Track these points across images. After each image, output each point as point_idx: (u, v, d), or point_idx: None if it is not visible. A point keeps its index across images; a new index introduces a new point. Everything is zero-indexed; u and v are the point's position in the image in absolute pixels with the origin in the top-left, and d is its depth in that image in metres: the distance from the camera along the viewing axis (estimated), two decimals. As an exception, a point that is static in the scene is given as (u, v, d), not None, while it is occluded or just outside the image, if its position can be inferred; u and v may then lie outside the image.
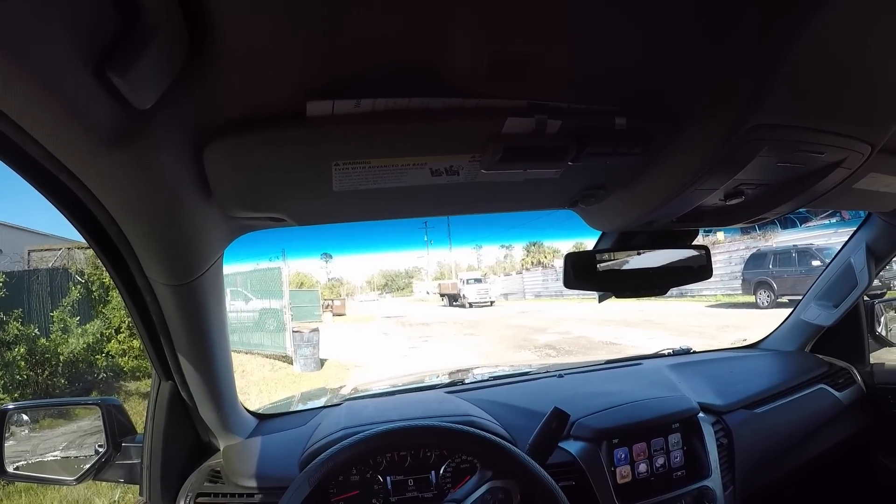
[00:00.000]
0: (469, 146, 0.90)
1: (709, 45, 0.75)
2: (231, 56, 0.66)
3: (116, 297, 9.67)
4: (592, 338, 12.20)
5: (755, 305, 14.60)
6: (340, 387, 2.71)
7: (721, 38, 0.73)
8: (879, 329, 2.43)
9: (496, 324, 16.95)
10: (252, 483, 1.47)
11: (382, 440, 1.28)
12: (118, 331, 9.76)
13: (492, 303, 27.13)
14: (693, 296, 18.10)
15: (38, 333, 8.69)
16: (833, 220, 16.14)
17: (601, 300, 1.51)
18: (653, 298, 1.41)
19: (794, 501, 2.21)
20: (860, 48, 0.74)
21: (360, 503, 1.49)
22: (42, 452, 1.59)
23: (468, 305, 26.68)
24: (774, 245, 16.33)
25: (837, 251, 2.29)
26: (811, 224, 17.45)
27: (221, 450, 1.62)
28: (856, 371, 2.34)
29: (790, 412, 2.03)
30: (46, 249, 12.13)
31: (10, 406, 1.56)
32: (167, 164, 0.80)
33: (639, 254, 1.35)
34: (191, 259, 1.09)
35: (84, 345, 9.01)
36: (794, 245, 14.67)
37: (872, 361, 2.36)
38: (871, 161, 1.00)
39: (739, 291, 16.06)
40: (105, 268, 1.09)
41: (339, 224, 1.26)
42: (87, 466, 1.51)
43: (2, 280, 8.98)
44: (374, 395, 2.13)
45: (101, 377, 9.39)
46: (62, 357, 8.74)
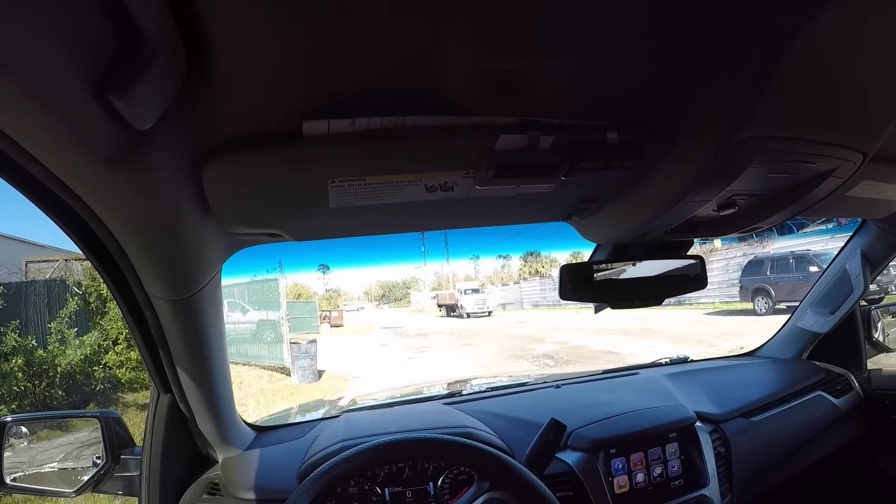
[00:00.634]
0: (463, 163, 0.91)
1: (698, 60, 0.76)
2: (228, 77, 0.67)
3: (114, 309, 9.64)
4: (590, 347, 12.18)
5: (753, 312, 14.58)
6: (338, 398, 2.70)
7: (710, 52, 0.74)
8: (876, 335, 2.44)
9: (494, 334, 16.90)
10: (250, 495, 1.46)
11: (380, 452, 1.28)
12: (116, 342, 9.71)
13: (489, 313, 27.05)
14: (691, 304, 18.09)
15: (36, 345, 8.65)
16: (830, 226, 16.18)
17: (597, 311, 1.51)
18: (650, 307, 1.41)
19: None
20: (849, 58, 0.75)
21: None
22: (40, 464, 1.59)
23: (466, 316, 26.62)
24: (771, 252, 16.33)
25: (833, 258, 2.30)
26: (808, 230, 17.47)
27: (220, 462, 1.61)
28: (853, 377, 2.34)
29: (788, 420, 2.03)
30: (44, 261, 12.11)
31: (10, 418, 1.56)
32: (166, 183, 0.81)
33: (634, 265, 1.36)
34: (189, 274, 1.10)
35: (82, 356, 8.97)
36: (792, 251, 14.67)
37: (870, 367, 2.36)
38: (864, 169, 1.01)
39: (737, 298, 16.05)
40: (104, 282, 1.10)
41: (337, 238, 1.27)
42: (86, 478, 1.50)
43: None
44: (372, 407, 2.13)
45: (99, 388, 9.35)
46: (60, 368, 8.70)
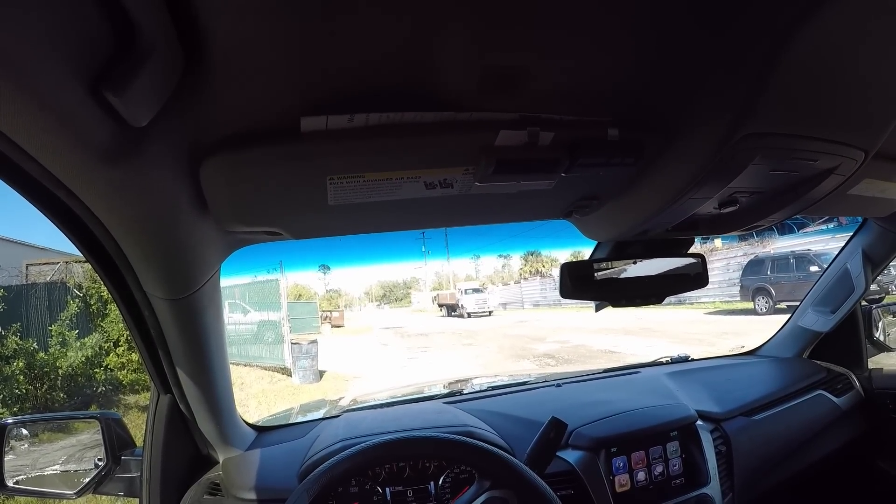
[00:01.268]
0: (462, 159, 0.91)
1: (699, 56, 0.75)
2: (225, 74, 0.67)
3: (115, 311, 9.65)
4: (591, 346, 12.17)
5: (754, 312, 14.57)
6: (339, 398, 2.70)
7: (711, 48, 0.74)
8: (877, 334, 2.43)
9: (495, 333, 16.87)
10: (251, 495, 1.46)
11: (380, 451, 1.28)
12: (117, 344, 9.73)
13: (490, 313, 27.01)
14: (692, 303, 18.08)
15: (37, 347, 8.67)
16: (830, 226, 16.17)
17: (598, 309, 1.51)
18: (651, 306, 1.40)
19: None
20: (851, 55, 0.74)
21: None
22: (42, 466, 1.59)
23: (467, 315, 26.57)
24: (772, 251, 16.31)
25: (834, 257, 2.30)
26: (809, 230, 17.46)
27: (221, 462, 1.61)
28: (854, 376, 2.34)
29: (789, 419, 2.03)
30: (44, 263, 12.10)
31: (10, 420, 1.56)
32: (163, 180, 0.81)
33: (635, 263, 1.35)
34: (188, 273, 1.10)
35: (83, 358, 8.99)
36: (792, 251, 14.65)
37: (870, 366, 2.36)
38: (865, 167, 1.01)
39: (738, 298, 16.03)
40: (103, 282, 1.09)
41: (337, 237, 1.27)
42: (87, 480, 1.50)
43: (0, 294, 8.96)
44: (373, 407, 2.13)
45: (100, 390, 9.36)
46: (61, 371, 8.72)
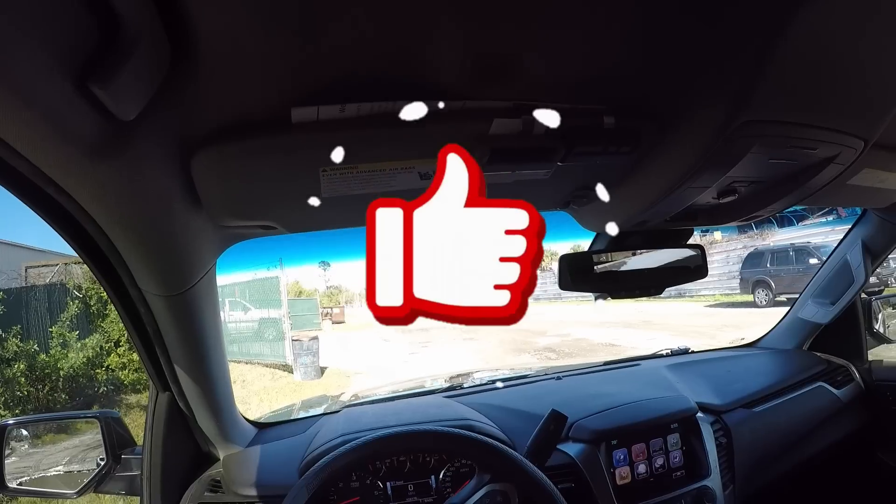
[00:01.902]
0: None
1: (695, 42, 0.75)
2: (213, 65, 0.66)
3: (115, 311, 9.59)
4: (592, 340, 12.16)
5: (753, 304, 14.55)
6: (341, 394, 2.70)
7: (708, 34, 0.73)
8: (877, 326, 2.43)
9: (495, 328, 16.77)
10: (252, 492, 1.46)
11: (380, 445, 1.28)
12: (118, 344, 9.71)
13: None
14: (692, 296, 18.06)
15: (38, 349, 8.65)
16: (830, 218, 16.14)
17: (597, 299, 1.51)
18: (651, 299, 1.41)
19: (795, 500, 2.20)
20: (850, 42, 0.74)
21: None
22: (45, 468, 1.60)
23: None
24: (772, 244, 16.30)
25: (834, 248, 2.29)
26: (808, 222, 17.43)
27: (221, 459, 1.61)
28: (854, 368, 2.33)
29: (789, 410, 2.03)
30: (43, 265, 12.07)
31: (10, 421, 1.56)
32: (154, 175, 0.80)
33: (634, 254, 1.35)
34: (183, 269, 1.09)
35: (84, 359, 8.99)
36: (792, 243, 14.63)
37: (870, 358, 2.36)
38: (865, 156, 1.00)
39: (737, 291, 16.01)
40: (97, 280, 1.09)
41: (335, 231, 1.26)
42: (88, 479, 1.50)
43: (0, 298, 8.96)
44: (374, 402, 2.13)
45: (102, 391, 9.35)
46: (62, 372, 8.71)
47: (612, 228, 1.32)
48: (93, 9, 0.51)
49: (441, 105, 0.81)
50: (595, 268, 1.33)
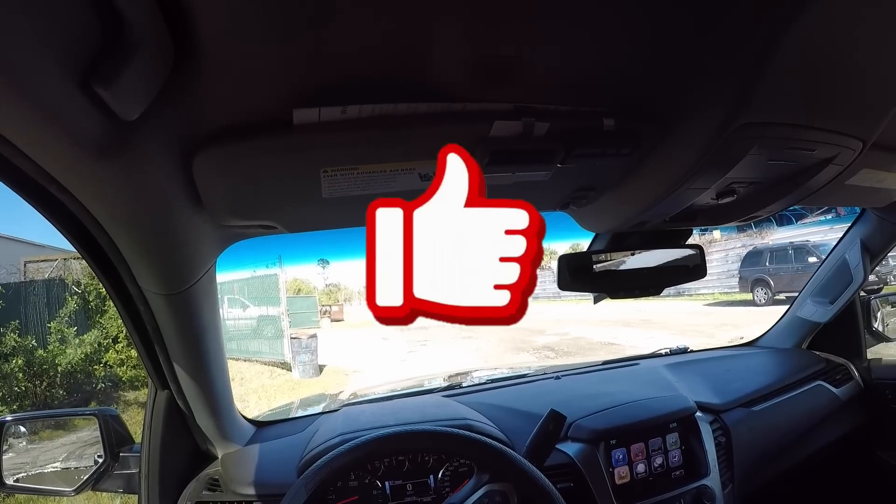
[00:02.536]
0: None
1: (695, 44, 0.75)
2: (216, 66, 0.66)
3: (113, 308, 9.61)
4: (591, 338, 12.17)
5: (752, 303, 14.57)
6: (339, 392, 2.70)
7: (707, 37, 0.73)
8: (876, 324, 2.43)
9: (494, 327, 16.74)
10: (250, 490, 1.46)
11: (379, 445, 1.28)
12: (116, 340, 9.70)
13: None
14: (690, 294, 18.08)
15: (36, 345, 8.63)
16: (829, 217, 16.15)
17: (596, 301, 1.51)
18: (650, 298, 1.42)
19: (794, 498, 2.21)
20: (848, 44, 0.74)
21: None
22: (42, 464, 1.59)
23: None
24: (771, 242, 16.31)
25: (832, 247, 2.30)
26: (807, 221, 17.44)
27: (219, 458, 1.61)
28: (853, 367, 2.34)
29: (788, 409, 2.03)
30: (42, 260, 12.07)
31: (8, 418, 1.56)
32: (156, 174, 0.80)
33: (633, 254, 1.35)
34: (183, 268, 1.09)
35: (82, 355, 8.96)
36: (791, 242, 14.64)
37: (869, 357, 2.36)
38: (863, 157, 1.01)
39: (737, 289, 16.02)
40: (97, 278, 1.09)
41: (335, 230, 1.26)
42: (86, 477, 1.50)
43: (-1, 292, 8.97)
44: (372, 401, 2.13)
45: (100, 387, 9.34)
46: (60, 368, 8.69)
47: (612, 229, 1.32)
48: (97, 9, 0.51)
49: (442, 107, 0.81)
50: (594, 267, 1.34)
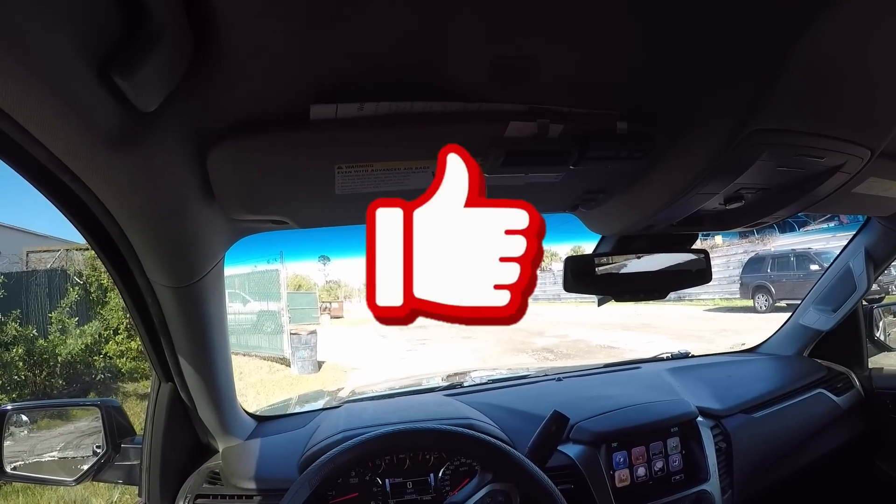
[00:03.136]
0: (472, 150, 0.90)
1: (709, 50, 0.75)
2: (235, 60, 0.66)
3: (115, 299, 9.65)
4: (590, 341, 12.16)
5: (753, 310, 14.56)
6: (338, 389, 2.69)
7: (720, 44, 0.74)
8: (878, 334, 2.44)
9: (493, 327, 16.70)
10: (251, 485, 1.47)
11: (385, 442, 1.28)
12: (116, 332, 9.72)
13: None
14: (691, 299, 18.06)
15: (37, 334, 8.64)
16: (831, 224, 16.13)
17: (600, 304, 1.51)
18: (651, 302, 1.41)
19: None
20: (859, 53, 0.74)
21: None
22: (40, 453, 1.59)
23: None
24: (773, 249, 16.30)
25: (836, 255, 2.29)
26: (809, 228, 17.42)
27: (220, 451, 1.61)
28: (854, 376, 2.33)
29: (788, 417, 2.03)
30: (45, 251, 12.08)
31: (10, 407, 1.56)
32: (170, 167, 0.80)
33: (638, 257, 1.35)
34: (192, 261, 1.09)
35: (82, 346, 8.97)
36: (793, 249, 14.63)
37: (871, 366, 2.36)
38: (871, 165, 1.01)
39: (737, 295, 16.01)
40: (106, 269, 1.09)
41: (337, 227, 1.26)
42: (87, 467, 1.50)
43: (0, 281, 8.95)
44: (373, 398, 2.13)
45: (99, 378, 9.36)
46: (60, 358, 8.70)
47: (619, 232, 1.32)
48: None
49: (458, 107, 0.81)
50: (598, 270, 1.34)
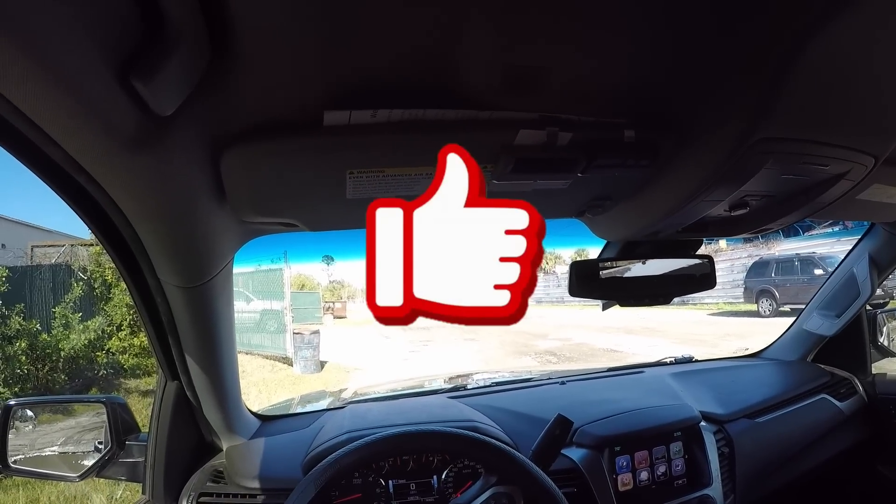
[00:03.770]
0: (482, 157, 0.91)
1: (716, 59, 0.76)
2: (251, 65, 0.67)
3: (118, 295, 9.68)
4: (593, 345, 12.12)
5: (757, 314, 14.52)
6: (341, 390, 2.70)
7: (727, 52, 0.74)
8: (882, 339, 2.43)
9: (496, 329, 16.64)
10: (254, 484, 1.47)
11: (391, 444, 1.29)
12: (119, 328, 9.73)
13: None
14: (695, 304, 17.99)
15: (40, 329, 8.64)
16: (836, 229, 16.08)
17: (605, 308, 1.51)
18: (654, 306, 1.41)
19: None
20: (865, 61, 0.75)
21: None
22: (40, 447, 1.60)
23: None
24: (777, 254, 16.26)
25: (840, 261, 2.30)
26: (814, 233, 17.36)
27: (224, 450, 1.62)
28: (857, 381, 2.33)
29: (792, 422, 2.03)
30: (49, 245, 12.14)
31: (14, 402, 1.57)
32: (184, 170, 0.81)
33: (643, 262, 1.35)
34: (202, 262, 1.10)
35: (85, 341, 8.97)
36: (797, 254, 14.59)
37: (874, 372, 2.36)
38: (875, 172, 1.02)
39: (741, 300, 15.96)
40: (116, 267, 1.10)
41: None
42: (90, 463, 1.51)
43: (4, 275, 8.97)
44: (377, 399, 2.13)
45: (102, 374, 9.36)
46: (63, 353, 8.70)
47: (624, 238, 1.32)
48: (139, 4, 0.52)
49: (469, 114, 0.82)
50: (603, 275, 1.34)
